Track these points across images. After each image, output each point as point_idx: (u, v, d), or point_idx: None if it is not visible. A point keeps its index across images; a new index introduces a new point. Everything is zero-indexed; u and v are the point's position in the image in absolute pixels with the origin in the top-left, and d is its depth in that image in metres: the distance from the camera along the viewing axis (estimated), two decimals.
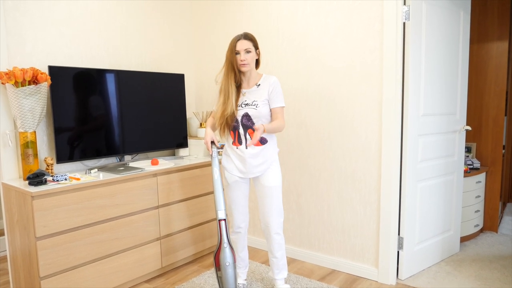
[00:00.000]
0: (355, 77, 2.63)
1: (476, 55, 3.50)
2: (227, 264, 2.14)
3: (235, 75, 2.23)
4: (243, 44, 2.19)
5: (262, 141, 2.28)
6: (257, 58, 2.29)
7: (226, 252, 2.15)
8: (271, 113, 2.29)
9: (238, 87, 2.28)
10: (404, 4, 2.43)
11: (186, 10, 3.49)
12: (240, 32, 2.28)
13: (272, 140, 2.33)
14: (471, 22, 3.46)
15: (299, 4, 2.84)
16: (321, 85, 2.80)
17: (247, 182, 2.39)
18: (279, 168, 2.35)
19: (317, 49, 2.79)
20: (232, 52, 2.20)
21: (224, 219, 2.19)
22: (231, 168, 2.34)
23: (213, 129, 2.39)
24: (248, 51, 2.20)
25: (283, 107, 2.29)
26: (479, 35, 3.48)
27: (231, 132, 2.30)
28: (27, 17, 2.46)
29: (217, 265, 2.18)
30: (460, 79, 2.93)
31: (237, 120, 2.26)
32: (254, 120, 2.25)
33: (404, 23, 2.44)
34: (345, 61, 2.66)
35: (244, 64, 2.20)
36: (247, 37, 2.22)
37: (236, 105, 2.25)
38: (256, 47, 2.26)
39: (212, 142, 2.28)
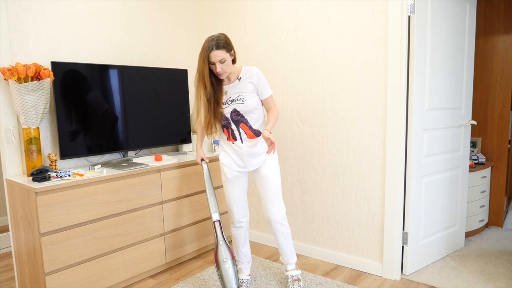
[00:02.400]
0: (359, 71, 2.61)
1: (482, 49, 3.47)
2: (224, 260, 2.20)
3: (205, 87, 2.15)
4: (216, 56, 2.07)
5: (257, 133, 2.28)
6: (232, 58, 2.19)
7: (222, 250, 2.24)
8: (261, 104, 2.31)
9: (219, 83, 2.22)
10: None
11: (190, 5, 3.47)
12: (244, 26, 2.24)
13: None
14: (477, 15, 3.43)
15: None
16: (325, 80, 2.78)
17: (246, 176, 2.40)
18: (277, 159, 2.36)
19: (321, 44, 2.77)
20: (205, 62, 2.10)
21: (219, 221, 2.31)
22: (230, 163, 2.34)
23: (203, 131, 2.45)
24: (222, 61, 2.10)
25: (272, 94, 2.30)
26: (485, 28, 3.44)
27: (224, 129, 2.30)
28: (29, 13, 2.45)
29: (217, 264, 2.24)
30: (466, 73, 2.90)
31: (226, 118, 2.25)
32: (244, 114, 2.24)
33: (409, 17, 2.41)
34: (349, 55, 2.64)
35: (220, 74, 2.14)
36: (219, 46, 2.07)
37: (208, 118, 2.21)
38: (230, 50, 2.13)
39: (202, 160, 2.49)
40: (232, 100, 2.24)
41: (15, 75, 2.25)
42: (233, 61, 2.23)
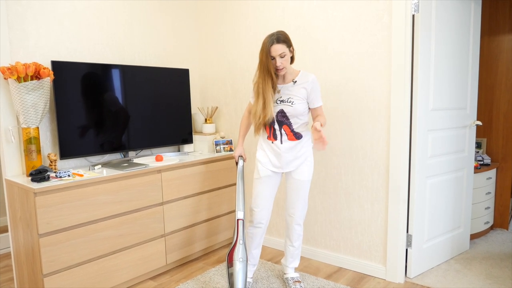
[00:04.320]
0: (362, 71, 2.57)
1: (486, 48, 3.42)
2: (240, 260, 2.21)
3: (272, 79, 2.20)
4: (277, 50, 2.12)
5: (298, 136, 2.29)
6: (291, 55, 2.24)
7: (241, 249, 2.24)
8: (308, 111, 2.32)
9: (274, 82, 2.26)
10: None
11: (191, 4, 3.45)
12: (246, 24, 2.23)
13: (307, 135, 2.34)
14: (482, 14, 3.39)
15: None
16: (328, 80, 2.74)
17: (279, 177, 2.40)
18: (313, 163, 2.37)
19: (324, 43, 2.73)
20: (267, 57, 2.15)
21: (242, 220, 2.30)
22: (265, 161, 2.35)
23: (248, 126, 2.50)
24: (283, 56, 2.14)
25: (322, 105, 2.31)
26: (490, 27, 3.40)
27: (267, 127, 2.32)
28: (29, 12, 2.43)
29: (230, 262, 2.24)
30: (471, 73, 2.86)
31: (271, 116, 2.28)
32: (289, 116, 2.25)
33: (413, 16, 2.38)
34: (353, 55, 2.60)
35: (280, 69, 2.18)
36: (280, 40, 2.12)
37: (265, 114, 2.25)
38: (289, 46, 2.18)
39: (240, 156, 2.48)
40: (282, 101, 2.26)
41: (15, 74, 2.23)
42: (292, 59, 2.27)
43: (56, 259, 2.16)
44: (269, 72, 2.18)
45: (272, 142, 2.32)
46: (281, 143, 2.29)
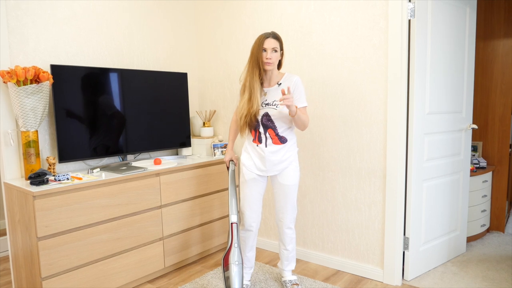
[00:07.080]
0: (359, 75, 2.60)
1: (482, 53, 3.46)
2: (236, 263, 2.20)
3: (260, 71, 2.23)
4: (271, 43, 2.19)
5: (282, 140, 2.30)
6: (280, 59, 2.29)
7: (236, 252, 2.23)
8: None
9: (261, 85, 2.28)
10: (409, 1, 2.39)
11: (190, 8, 3.47)
12: (244, 29, 2.25)
13: (292, 139, 2.35)
14: (477, 19, 3.43)
15: (302, 2, 2.81)
16: (325, 84, 2.77)
17: (264, 181, 2.40)
18: (298, 167, 2.38)
19: (321, 47, 2.76)
20: (260, 48, 2.20)
21: (236, 223, 2.29)
22: (250, 165, 2.36)
23: (237, 130, 2.48)
24: (275, 50, 2.21)
25: (306, 106, 2.31)
26: (485, 32, 3.44)
27: (252, 131, 2.33)
28: (29, 16, 2.45)
29: (225, 265, 2.23)
30: (466, 77, 2.89)
31: (257, 119, 2.29)
32: (274, 120, 2.26)
33: (409, 21, 2.41)
34: (349, 59, 2.63)
35: (268, 63, 2.20)
36: (276, 36, 2.22)
37: (250, 114, 2.25)
38: (281, 47, 2.26)
39: (231, 161, 2.49)
40: (267, 104, 2.27)
41: (14, 78, 2.24)
42: (280, 64, 2.33)
43: (55, 262, 2.16)
44: (258, 64, 2.21)
45: (257, 145, 2.32)
46: (266, 146, 2.29)
